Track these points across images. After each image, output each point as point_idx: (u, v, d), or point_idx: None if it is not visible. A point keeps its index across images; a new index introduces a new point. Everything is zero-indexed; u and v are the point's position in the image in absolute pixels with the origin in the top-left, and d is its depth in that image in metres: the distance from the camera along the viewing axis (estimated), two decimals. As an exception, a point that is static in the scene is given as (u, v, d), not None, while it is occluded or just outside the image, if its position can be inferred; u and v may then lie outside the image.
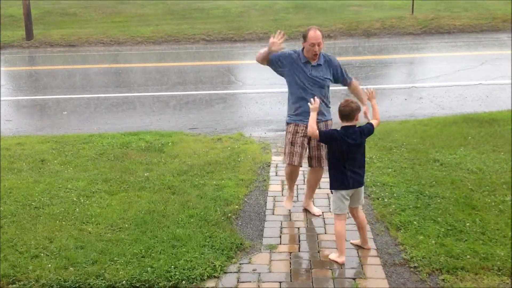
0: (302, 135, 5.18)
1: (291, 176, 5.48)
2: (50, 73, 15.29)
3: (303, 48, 5.18)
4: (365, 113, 4.82)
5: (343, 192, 4.43)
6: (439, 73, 12.55)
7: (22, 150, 7.54)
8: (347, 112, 4.35)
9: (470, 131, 7.78)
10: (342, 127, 4.42)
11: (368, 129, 4.48)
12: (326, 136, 4.54)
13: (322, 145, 5.20)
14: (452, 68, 13.11)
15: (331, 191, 4.52)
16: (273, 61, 5.25)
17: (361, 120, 4.53)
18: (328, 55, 5.32)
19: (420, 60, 15.30)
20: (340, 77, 5.38)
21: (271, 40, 5.08)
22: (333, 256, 4.47)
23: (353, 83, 5.48)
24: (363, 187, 4.54)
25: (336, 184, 4.47)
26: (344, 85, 5.47)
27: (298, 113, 5.20)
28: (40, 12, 24.62)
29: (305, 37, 5.09)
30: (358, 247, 4.66)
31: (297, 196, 5.79)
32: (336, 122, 4.87)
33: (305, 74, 5.15)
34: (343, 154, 4.40)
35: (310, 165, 5.37)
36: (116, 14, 25.05)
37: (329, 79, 5.26)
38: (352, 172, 4.41)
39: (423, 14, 21.46)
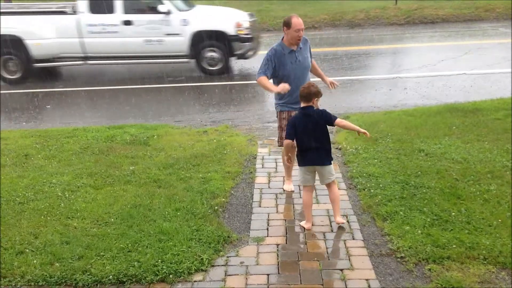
0: None
1: (289, 152, 5.64)
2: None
3: (283, 37, 5.44)
4: (331, 83, 5.78)
5: (303, 168, 4.89)
6: (423, 63, 12.60)
7: (5, 145, 7.45)
8: (305, 94, 4.76)
9: (454, 121, 7.83)
10: (300, 108, 4.84)
11: (326, 113, 4.76)
12: (290, 132, 4.86)
13: None
14: (436, 58, 13.17)
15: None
16: (269, 71, 5.43)
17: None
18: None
19: (404, 51, 15.34)
20: (310, 56, 5.70)
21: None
22: (302, 223, 4.92)
23: (313, 62, 5.85)
24: (325, 166, 4.83)
25: (298, 162, 4.96)
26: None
27: (288, 100, 5.46)
28: (22, 3, 24.31)
29: (288, 24, 5.31)
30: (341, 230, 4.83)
31: (283, 188, 5.79)
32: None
33: (292, 63, 5.41)
34: (302, 133, 4.78)
35: None
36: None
37: (310, 57, 5.64)
38: (309, 151, 4.79)
39: (406, 5, 21.54)
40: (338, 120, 4.76)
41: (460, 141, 6.92)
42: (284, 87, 5.10)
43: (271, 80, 5.48)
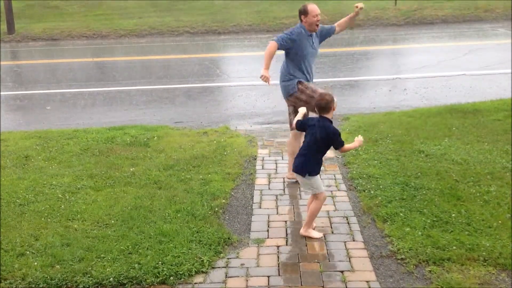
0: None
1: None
2: (33, 67, 15.13)
3: (303, 22, 5.71)
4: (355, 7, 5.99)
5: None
6: (423, 64, 12.61)
7: (6, 147, 7.45)
8: (324, 104, 4.63)
9: (454, 122, 7.83)
10: (320, 117, 4.72)
11: (336, 137, 4.61)
12: (300, 126, 4.94)
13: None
14: (436, 58, 13.18)
15: (309, 175, 4.67)
16: (283, 46, 5.68)
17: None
18: None
19: (404, 51, 15.36)
20: (328, 31, 6.02)
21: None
22: (315, 234, 4.75)
23: (336, 25, 6.13)
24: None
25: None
26: (332, 33, 6.08)
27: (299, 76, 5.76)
28: (21, 5, 24.33)
29: (305, 12, 5.66)
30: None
31: (284, 190, 5.80)
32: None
33: (310, 46, 5.75)
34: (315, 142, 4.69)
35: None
36: (98, 6, 24.84)
37: (320, 42, 5.99)
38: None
39: (406, 5, 21.55)
40: (344, 147, 4.69)
41: (460, 142, 6.93)
42: (264, 75, 5.48)
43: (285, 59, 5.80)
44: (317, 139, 4.62)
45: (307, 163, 4.66)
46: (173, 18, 21.84)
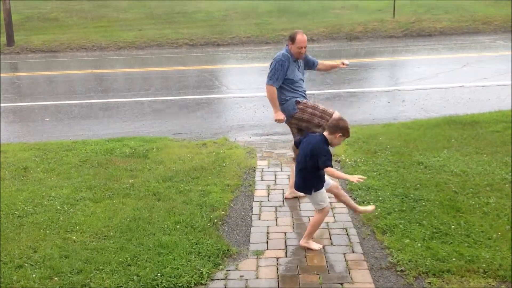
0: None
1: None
2: (32, 79, 15.16)
3: (289, 48, 5.73)
4: (342, 63, 5.98)
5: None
6: (421, 76, 12.65)
7: (5, 158, 7.45)
8: (332, 125, 4.61)
9: (453, 133, 7.84)
10: (322, 134, 4.67)
11: (323, 156, 4.50)
12: (296, 143, 4.98)
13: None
14: (434, 70, 13.23)
15: (312, 192, 4.68)
16: (280, 81, 5.72)
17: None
18: None
19: (402, 63, 15.42)
20: (311, 62, 6.09)
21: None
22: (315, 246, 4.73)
23: (320, 63, 6.18)
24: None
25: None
26: (314, 66, 6.13)
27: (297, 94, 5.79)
28: (21, 17, 24.43)
29: (293, 39, 5.66)
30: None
31: (283, 201, 5.79)
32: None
33: (298, 70, 5.80)
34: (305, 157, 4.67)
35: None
36: (98, 18, 24.94)
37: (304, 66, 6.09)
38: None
39: (404, 17, 21.66)
40: (332, 170, 4.50)
41: (459, 153, 6.93)
42: (279, 118, 5.65)
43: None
44: (304, 154, 4.62)
45: (307, 180, 4.65)
46: (173, 30, 21.93)
